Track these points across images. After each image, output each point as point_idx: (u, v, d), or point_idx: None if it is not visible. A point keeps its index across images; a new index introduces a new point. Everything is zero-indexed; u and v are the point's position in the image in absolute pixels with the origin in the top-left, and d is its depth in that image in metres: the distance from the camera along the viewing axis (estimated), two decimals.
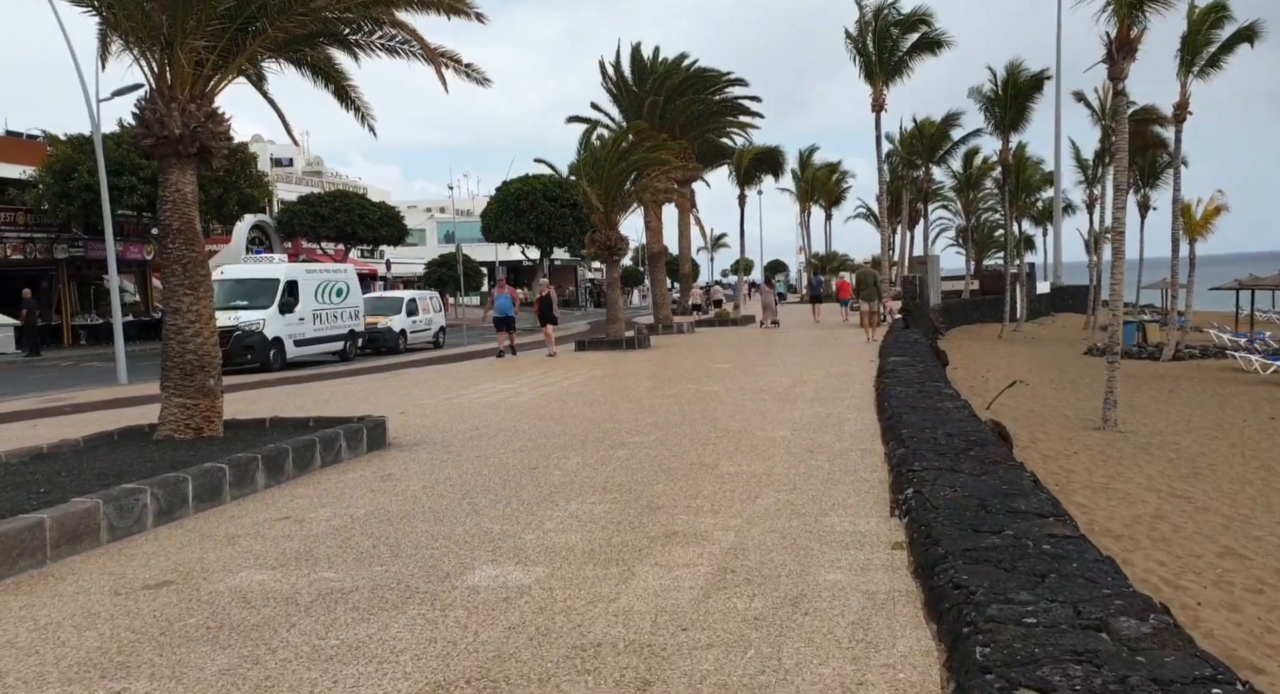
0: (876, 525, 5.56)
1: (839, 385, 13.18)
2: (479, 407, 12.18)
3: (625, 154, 21.78)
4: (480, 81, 10.35)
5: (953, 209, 66.12)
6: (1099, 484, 11.20)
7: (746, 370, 16.00)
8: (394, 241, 42.41)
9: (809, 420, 9.88)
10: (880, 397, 10.97)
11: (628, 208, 23.09)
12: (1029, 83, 40.55)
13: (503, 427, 10.19)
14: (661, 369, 16.95)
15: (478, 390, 14.29)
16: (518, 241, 41.25)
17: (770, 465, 7.46)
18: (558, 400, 12.56)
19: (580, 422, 10.39)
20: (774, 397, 12.07)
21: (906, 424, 8.30)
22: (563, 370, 17.48)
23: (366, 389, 15.44)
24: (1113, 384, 15.12)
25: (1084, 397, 20.77)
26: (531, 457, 8.23)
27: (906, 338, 21.21)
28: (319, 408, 12.68)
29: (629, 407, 11.58)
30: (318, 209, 38.88)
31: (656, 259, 30.72)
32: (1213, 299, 64.86)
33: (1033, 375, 26.12)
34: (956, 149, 50.17)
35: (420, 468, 7.87)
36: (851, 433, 8.99)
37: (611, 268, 23.57)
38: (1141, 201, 48.05)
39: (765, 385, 13.43)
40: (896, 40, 37.59)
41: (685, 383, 14.26)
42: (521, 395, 13.36)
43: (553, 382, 15.27)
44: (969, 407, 9.66)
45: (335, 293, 24.25)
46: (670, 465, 7.61)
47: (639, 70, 28.47)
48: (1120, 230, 14.97)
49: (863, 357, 18.24)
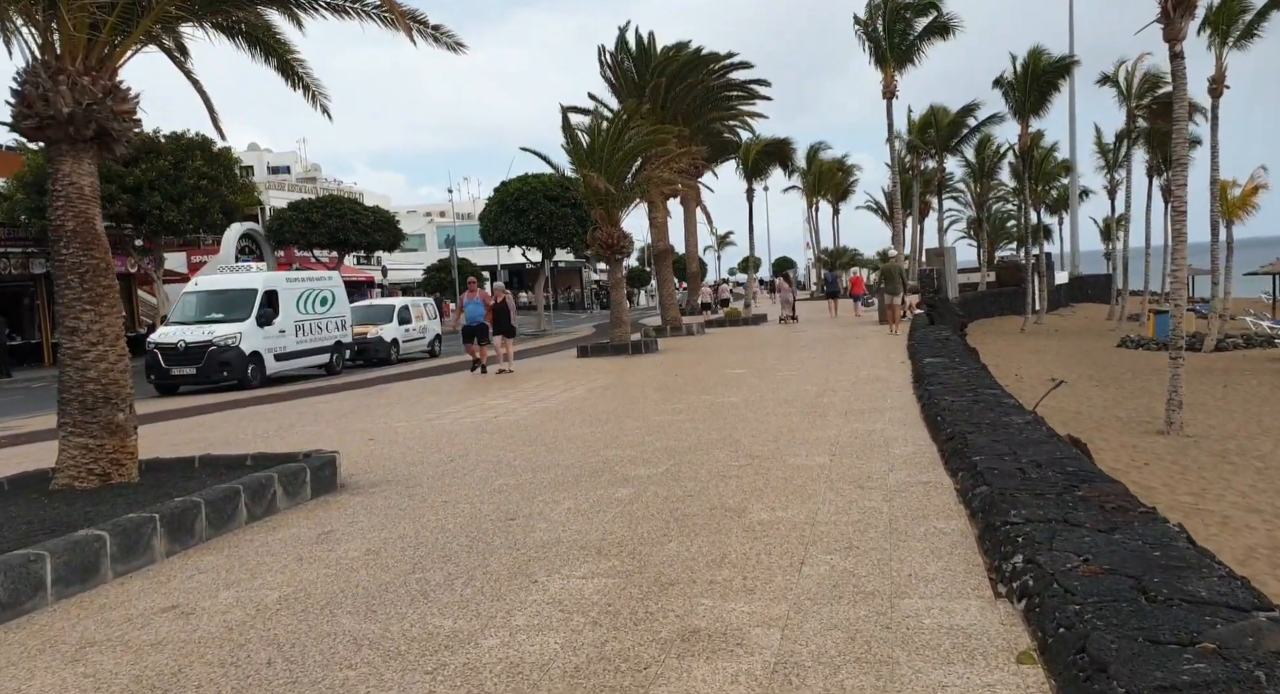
0: (980, 615, 3.93)
1: (874, 393, 11.55)
2: (462, 429, 10.59)
3: (622, 137, 20.13)
4: (452, 47, 8.76)
5: (963, 201, 64.42)
6: (1187, 505, 9.54)
7: (765, 377, 14.38)
8: (389, 247, 40.90)
9: (848, 441, 8.25)
10: (928, 408, 9.34)
11: (630, 203, 21.48)
12: (1052, 67, 38.89)
13: (484, 456, 8.59)
14: (671, 377, 15.34)
15: (464, 408, 12.71)
16: (518, 243, 39.67)
17: (813, 509, 5.84)
18: (553, 419, 10.97)
19: (577, 447, 8.79)
20: (801, 409, 10.44)
21: (975, 448, 6.68)
22: (562, 381, 15.89)
23: (341, 409, 13.88)
24: (1177, 383, 13.44)
25: (1131, 394, 19.09)
26: (512, 500, 6.63)
27: (935, 335, 19.54)
28: (280, 435, 11.12)
29: (635, 426, 9.98)
30: (308, 215, 37.38)
31: (662, 257, 29.12)
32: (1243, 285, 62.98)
33: (1068, 372, 24.42)
34: (971, 137, 48.40)
35: (370, 521, 6.28)
36: (904, 458, 7.35)
37: (615, 267, 21.97)
38: (1165, 186, 46.21)
39: (789, 395, 11.81)
40: (908, 24, 36.10)
41: (698, 394, 12.65)
42: (513, 413, 11.76)
43: (549, 395, 13.68)
44: (1043, 421, 8.02)
45: (319, 302, 22.72)
46: (685, 511, 6.00)
47: (639, 57, 26.86)
48: (1181, 209, 13.31)
49: (891, 357, 16.60)
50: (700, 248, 53.96)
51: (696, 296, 44.63)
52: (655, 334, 27.02)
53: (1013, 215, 72.08)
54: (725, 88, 28.29)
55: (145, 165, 27.54)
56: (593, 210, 20.92)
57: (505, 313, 17.77)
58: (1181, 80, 13.25)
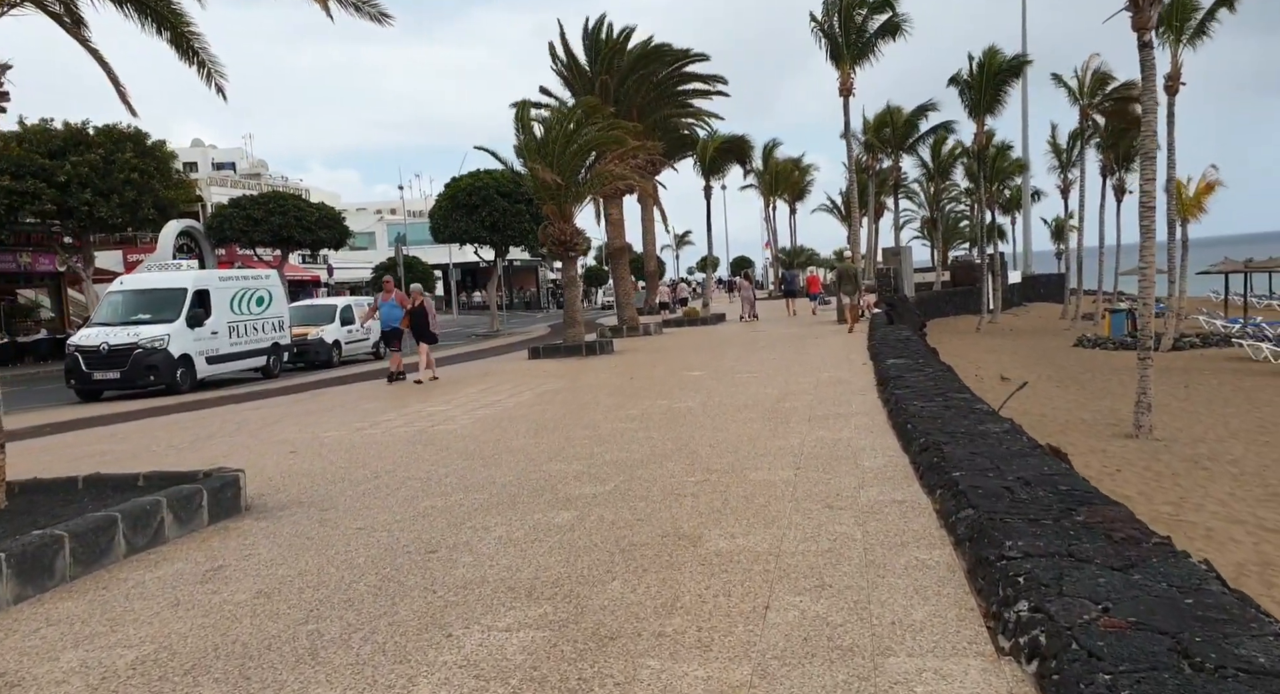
0: (983, 680, 3.24)
1: (837, 397, 10.92)
2: (394, 440, 9.75)
3: (576, 133, 19.34)
4: (376, 17, 7.93)
5: (917, 201, 64.70)
6: (1166, 515, 9.03)
7: (724, 378, 13.71)
8: (335, 245, 39.61)
9: (814, 451, 7.58)
10: (896, 414, 8.71)
11: (583, 198, 20.68)
12: (1006, 66, 38.96)
13: (414, 472, 7.78)
14: (626, 380, 14.61)
15: (401, 416, 11.85)
16: (470, 241, 38.64)
17: (777, 536, 5.14)
18: (495, 428, 10.17)
19: (518, 461, 8.01)
20: (762, 414, 9.77)
21: (953, 461, 6.03)
22: (510, 385, 15.08)
23: (270, 416, 12.92)
24: (1145, 384, 13.02)
25: (1094, 395, 18.78)
26: (437, 527, 5.84)
27: (896, 335, 19.06)
28: (195, 447, 10.18)
29: (583, 435, 9.22)
30: (250, 212, 36.01)
31: (619, 255, 28.36)
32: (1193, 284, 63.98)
33: (1027, 371, 24.17)
34: (926, 138, 48.38)
35: (270, 553, 5.45)
36: (875, 471, 6.69)
37: (568, 265, 21.15)
38: (1117, 185, 46.60)
39: (749, 399, 11.14)
40: (863, 22, 35.85)
41: (654, 398, 11.93)
42: (453, 422, 10.94)
43: (494, 401, 12.86)
44: (1020, 429, 7.42)
45: (255, 302, 21.61)
46: (633, 539, 5.26)
47: (592, 48, 26.06)
48: (1150, 204, 12.89)
49: (852, 358, 16.04)
50: (658, 246, 53.35)
51: (655, 296, 43.97)
52: (611, 334, 26.27)
53: (965, 216, 72.73)
54: (681, 81, 27.60)
55: (74, 159, 26.09)
56: (544, 206, 20.10)
57: (422, 318, 16.16)
58: (1151, 70, 12.82)
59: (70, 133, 26.37)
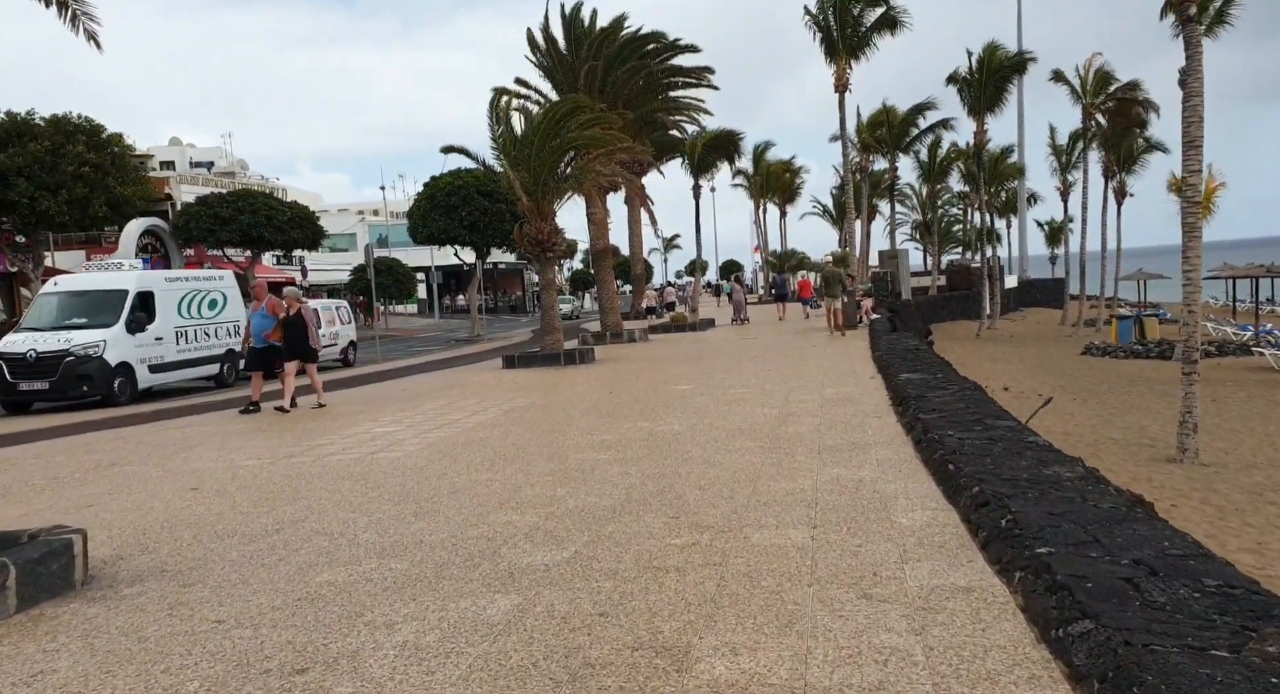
0: None
1: (848, 419, 9.35)
2: (322, 472, 8.12)
3: (558, 127, 17.71)
4: None
5: (909, 204, 63.48)
6: (1250, 567, 7.47)
7: (716, 394, 12.13)
8: (309, 245, 37.91)
9: (830, 499, 6.00)
10: (927, 446, 7.14)
11: (564, 194, 19.07)
12: (1008, 63, 37.67)
13: (326, 523, 6.16)
14: (605, 395, 13.01)
15: (341, 439, 10.22)
16: (449, 242, 36.98)
17: (800, 652, 3.54)
18: (446, 456, 8.55)
19: (460, 508, 6.40)
20: (761, 443, 8.20)
21: (1029, 526, 4.47)
22: (476, 399, 13.46)
23: (195, 436, 11.26)
24: (1192, 402, 11.50)
25: (1117, 410, 17.28)
26: (325, 620, 4.23)
27: (903, 344, 17.54)
28: (83, 480, 8.53)
29: (547, 470, 7.62)
30: (218, 210, 34.28)
31: (602, 257, 26.77)
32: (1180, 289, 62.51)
33: (1037, 382, 22.69)
34: (923, 138, 47.06)
35: (69, 674, 3.81)
36: (916, 532, 5.12)
37: (546, 267, 19.53)
38: (1118, 188, 45.36)
39: (745, 421, 9.56)
40: (859, 15, 34.50)
41: (634, 419, 10.34)
42: (398, 447, 9.31)
43: (454, 420, 11.24)
44: (1099, 475, 5.85)
45: (207, 305, 19.93)
46: (591, 654, 3.66)
47: (573, 37, 24.46)
48: (1195, 198, 11.42)
49: (857, 370, 14.51)
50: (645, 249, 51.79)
51: (641, 300, 42.38)
52: (594, 341, 24.68)
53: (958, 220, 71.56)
54: (669, 73, 26.03)
55: (14, 149, 24.30)
56: (520, 203, 18.48)
57: (299, 330, 12.96)
58: (1196, 48, 11.38)
59: (13, 123, 24.56)
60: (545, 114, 17.91)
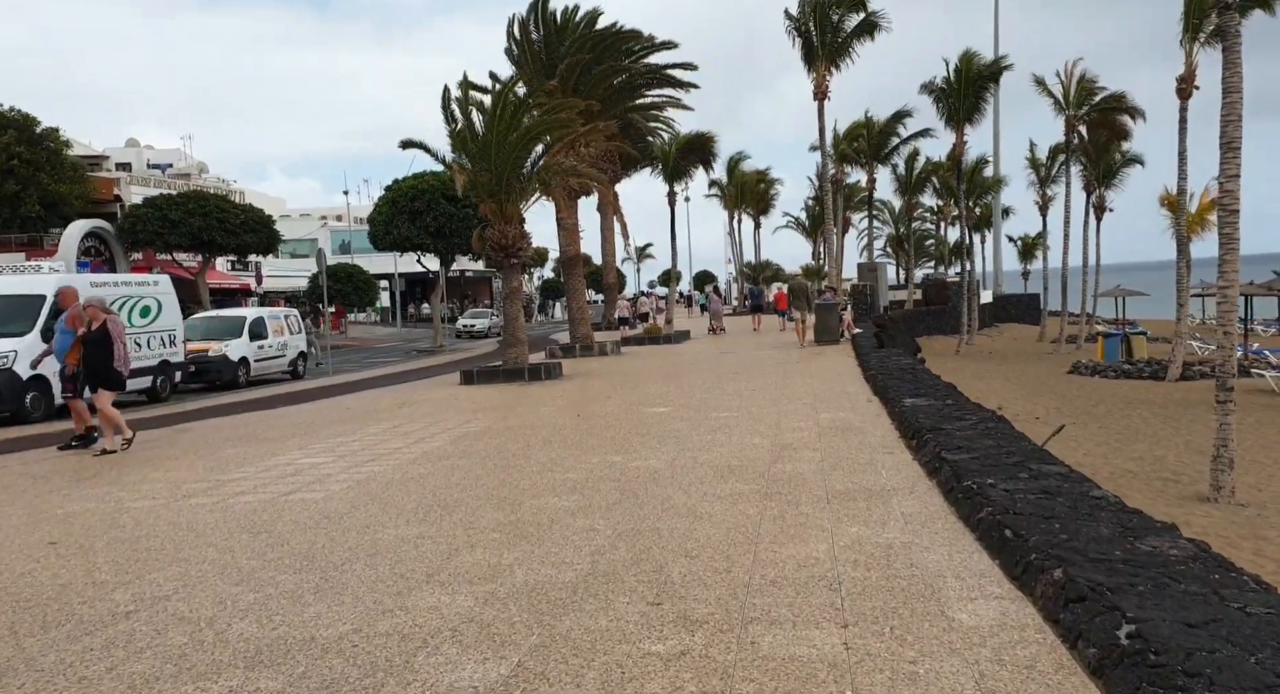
0: None
1: (854, 455, 7.99)
2: (219, 520, 6.61)
3: (517, 116, 16.27)
4: None
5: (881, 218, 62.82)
6: None
7: (697, 418, 10.74)
8: (264, 250, 36.12)
9: (858, 575, 4.62)
10: (966, 500, 5.77)
11: (529, 195, 17.63)
12: (986, 71, 36.86)
13: (192, 608, 4.68)
14: (571, 418, 11.58)
15: (261, 469, 8.70)
16: (412, 249, 35.36)
17: None
18: (373, 501, 7.08)
19: (374, 582, 4.95)
20: (757, 486, 6.81)
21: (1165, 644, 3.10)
22: (425, 421, 11.96)
23: (91, 466, 9.68)
24: (1228, 435, 10.28)
25: (1124, 437, 16.12)
26: None
27: (895, 362, 16.27)
28: None
29: (493, 523, 6.18)
30: (166, 212, 32.44)
31: (573, 264, 25.33)
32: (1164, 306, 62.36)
33: (1028, 402, 21.55)
34: (902, 148, 46.19)
35: None
36: (989, 640, 3.74)
37: (509, 274, 18.05)
38: (1097, 202, 44.72)
39: (734, 455, 8.18)
40: (839, 20, 33.53)
41: (604, 450, 8.91)
42: (322, 485, 7.82)
43: (395, 449, 9.75)
44: (1205, 548, 4.52)
45: (139, 313, 18.25)
46: None
47: (549, 32, 23.07)
48: (1234, 207, 10.25)
49: (849, 390, 13.20)
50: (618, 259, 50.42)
51: (614, 310, 40.98)
52: (562, 354, 23.23)
53: (931, 234, 71.01)
54: (647, 73, 24.72)
55: None
56: (481, 204, 17.02)
57: (100, 350, 10.09)
58: (1235, 39, 10.24)
59: None
60: (497, 100, 16.45)
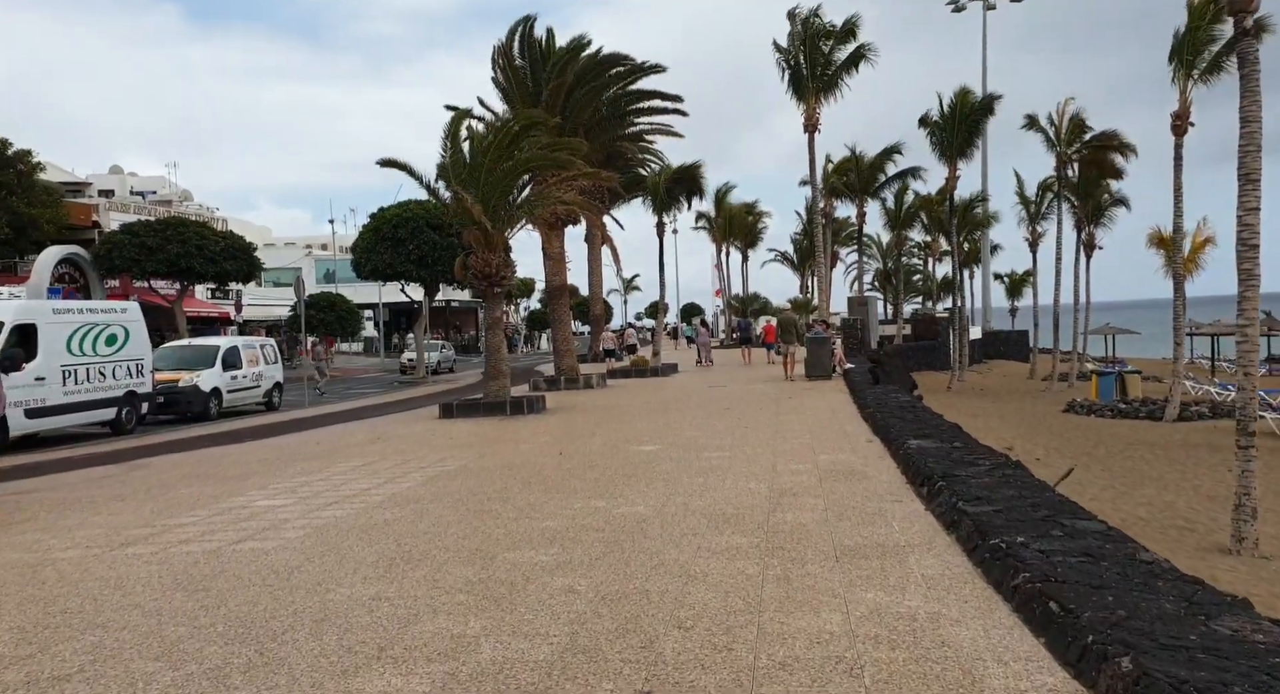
0: None
1: (860, 504, 7.33)
2: (152, 575, 5.88)
3: (511, 147, 15.77)
4: None
5: (870, 253, 62.79)
6: None
7: (687, 458, 10.07)
8: (244, 278, 35.40)
9: (885, 665, 3.95)
10: (993, 562, 5.13)
11: (516, 223, 17.05)
12: (979, 106, 36.80)
13: (96, 692, 3.95)
14: (553, 456, 10.89)
15: (213, 512, 7.95)
16: (395, 278, 34.72)
17: None
18: (329, 553, 6.37)
19: (316, 658, 4.23)
20: (756, 540, 6.14)
21: None
22: (398, 458, 11.24)
23: (25, 506, 8.89)
24: (1249, 483, 9.69)
25: (1130, 481, 15.52)
26: None
27: (894, 400, 15.67)
28: None
29: (461, 582, 5.48)
30: (144, 239, 31.73)
31: (558, 294, 24.74)
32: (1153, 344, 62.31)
33: (1028, 442, 20.95)
34: (891, 184, 46.07)
35: None
36: None
37: (492, 303, 17.43)
38: (1086, 240, 44.57)
39: (728, 502, 7.50)
40: (830, 52, 33.41)
41: (587, 494, 8.22)
42: (275, 532, 7.09)
43: (361, 491, 9.02)
44: None
45: (104, 341, 17.49)
46: None
47: (535, 57, 22.66)
48: (1253, 242, 9.75)
49: (847, 430, 12.58)
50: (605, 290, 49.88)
51: (599, 342, 40.34)
52: (546, 386, 22.55)
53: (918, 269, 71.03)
54: (636, 99, 24.33)
55: None
56: (466, 231, 16.43)
57: None
58: (1254, 67, 9.80)
59: None
60: (497, 131, 15.95)
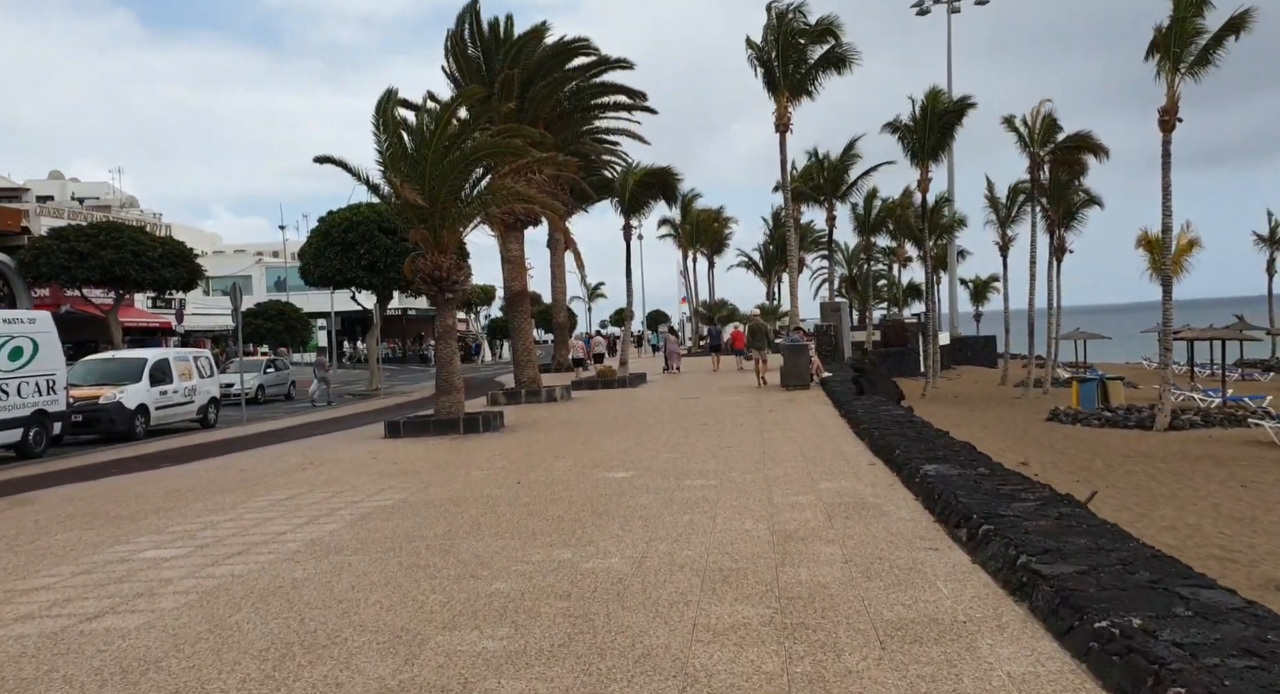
0: None
1: (886, 549, 5.92)
2: None
3: (461, 137, 14.26)
4: None
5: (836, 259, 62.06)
6: None
7: (666, 486, 8.61)
8: (184, 286, 33.35)
9: None
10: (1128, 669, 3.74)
11: (468, 221, 15.51)
12: (951, 108, 35.93)
13: None
14: (508, 487, 9.37)
15: (83, 567, 6.34)
16: (345, 284, 32.90)
17: None
18: (210, 633, 4.81)
19: None
20: (766, 611, 4.70)
21: None
22: (327, 491, 9.64)
23: None
24: None
25: (1143, 500, 14.32)
26: None
27: (885, 413, 14.35)
28: None
29: (371, 685, 3.96)
30: (75, 245, 29.63)
31: (518, 301, 23.19)
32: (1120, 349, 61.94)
33: (1015, 454, 19.73)
34: (862, 182, 45.17)
35: None
36: None
37: (443, 310, 15.85)
38: (1058, 244, 43.93)
39: (722, 549, 6.06)
40: (803, 51, 32.28)
41: (547, 540, 6.73)
42: (149, 601, 5.51)
43: (276, 534, 7.44)
44: None
45: (9, 355, 15.64)
46: None
47: (488, 44, 21.13)
48: None
49: (843, 449, 11.22)
50: (568, 297, 48.34)
51: (565, 351, 38.77)
52: (505, 400, 20.99)
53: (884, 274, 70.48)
54: (599, 92, 22.90)
55: None
56: (413, 231, 14.86)
57: None
58: None
59: None
60: (439, 116, 14.38)
